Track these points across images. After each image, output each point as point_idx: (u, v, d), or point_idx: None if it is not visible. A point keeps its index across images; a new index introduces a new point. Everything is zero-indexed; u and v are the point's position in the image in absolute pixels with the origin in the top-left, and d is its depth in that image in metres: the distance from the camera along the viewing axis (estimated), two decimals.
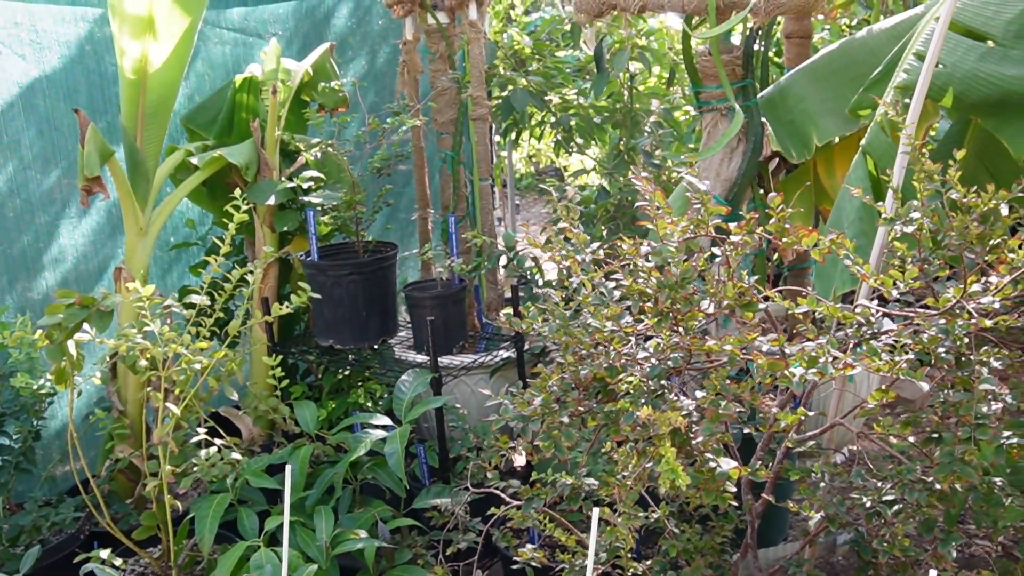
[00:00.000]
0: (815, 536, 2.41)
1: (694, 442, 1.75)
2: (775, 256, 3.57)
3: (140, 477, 3.48)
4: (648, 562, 2.38)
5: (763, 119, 3.37)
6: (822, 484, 2.29)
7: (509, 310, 4.64)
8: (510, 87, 4.56)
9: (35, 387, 2.92)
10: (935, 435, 2.01)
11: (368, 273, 3.38)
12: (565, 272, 2.07)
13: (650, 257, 1.86)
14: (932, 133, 3.41)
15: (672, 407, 1.75)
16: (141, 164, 3.29)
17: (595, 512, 1.58)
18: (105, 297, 2.55)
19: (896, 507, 1.93)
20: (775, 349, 1.74)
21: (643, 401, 1.86)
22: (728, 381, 1.78)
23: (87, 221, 3.74)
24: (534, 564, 2.37)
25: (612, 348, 1.94)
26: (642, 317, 2.05)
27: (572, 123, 4.54)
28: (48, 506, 3.04)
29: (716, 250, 1.91)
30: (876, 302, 2.17)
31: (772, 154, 3.36)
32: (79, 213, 3.70)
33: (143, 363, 2.70)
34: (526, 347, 3.44)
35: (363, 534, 2.67)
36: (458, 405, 3.42)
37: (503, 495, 2.53)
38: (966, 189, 1.86)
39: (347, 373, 3.71)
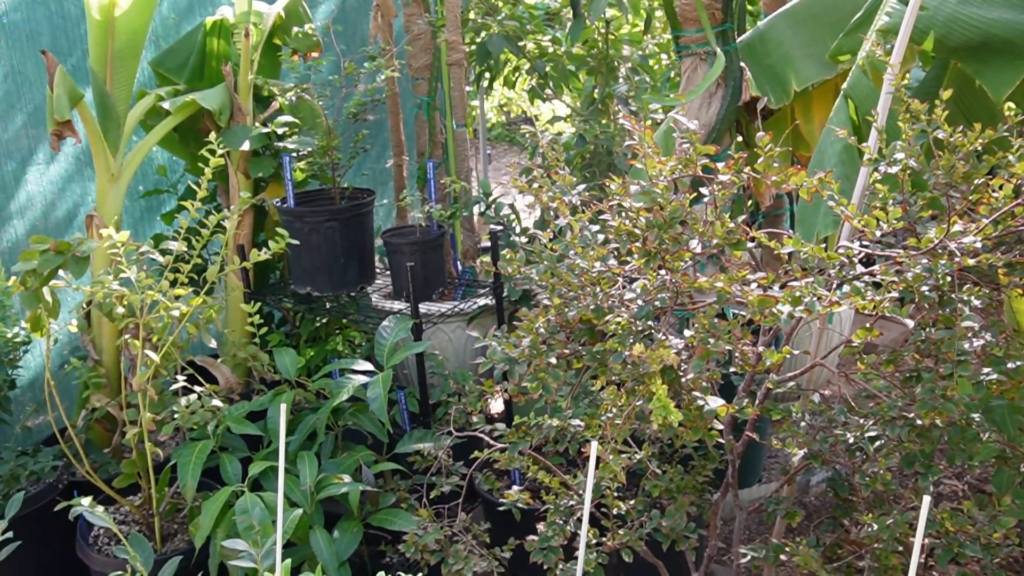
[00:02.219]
0: (795, 474, 2.46)
1: (683, 380, 1.76)
2: (749, 202, 3.60)
3: (116, 426, 3.46)
4: (632, 501, 2.42)
5: (742, 64, 3.36)
6: (803, 423, 2.33)
7: (487, 257, 4.63)
8: (483, 33, 4.49)
9: (9, 336, 2.88)
10: (914, 374, 2.05)
11: (346, 220, 3.35)
12: (552, 213, 2.07)
13: (638, 197, 1.85)
14: (906, 81, 3.42)
15: (661, 346, 1.76)
16: (111, 108, 3.22)
17: (593, 445, 1.59)
18: (80, 243, 2.51)
19: (878, 443, 1.96)
20: (763, 287, 1.75)
21: (632, 341, 1.87)
22: (717, 320, 1.79)
23: (55, 168, 3.65)
24: (520, 505, 2.39)
25: (600, 289, 1.95)
26: (628, 258, 2.06)
27: (548, 69, 4.49)
28: (25, 456, 3.01)
29: (704, 190, 1.91)
30: (858, 243, 2.19)
31: (751, 99, 3.36)
32: (46, 160, 3.62)
33: (120, 310, 2.66)
34: (505, 293, 3.44)
35: (347, 479, 2.68)
36: (436, 352, 3.42)
37: (487, 438, 2.55)
38: (952, 129, 1.87)
39: (324, 321, 3.70)
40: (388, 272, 3.71)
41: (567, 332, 2.10)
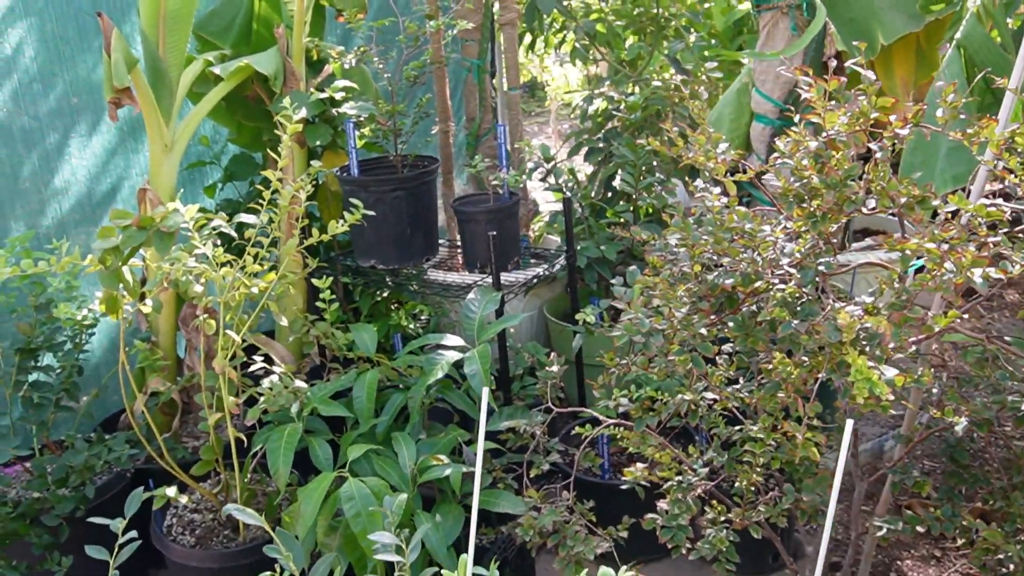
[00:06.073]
0: (920, 441, 2.36)
1: (868, 349, 1.64)
2: None
3: (175, 410, 3.31)
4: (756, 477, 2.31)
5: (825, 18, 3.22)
6: (935, 389, 2.24)
7: (535, 224, 4.49)
8: None
9: (79, 318, 2.71)
10: None
11: (412, 188, 3.19)
12: (707, 174, 1.93)
13: (814, 154, 1.72)
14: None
15: (839, 313, 1.64)
16: (164, 75, 3.03)
17: (848, 424, 1.47)
18: (164, 217, 2.34)
19: None
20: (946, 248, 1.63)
21: (798, 308, 1.75)
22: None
23: (97, 139, 3.45)
24: (643, 483, 2.28)
25: (758, 254, 1.82)
26: (777, 221, 1.94)
27: (598, 28, 4.33)
28: (90, 442, 2.85)
29: (873, 145, 1.78)
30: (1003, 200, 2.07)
31: (836, 54, 3.23)
32: (88, 130, 3.42)
33: (199, 288, 2.51)
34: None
35: (445, 459, 2.55)
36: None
37: (599, 415, 2.43)
38: None
39: (384, 295, 3.55)
40: (462, 240, 3.55)
41: (709, 301, 1.97)
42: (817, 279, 1.80)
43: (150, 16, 2.97)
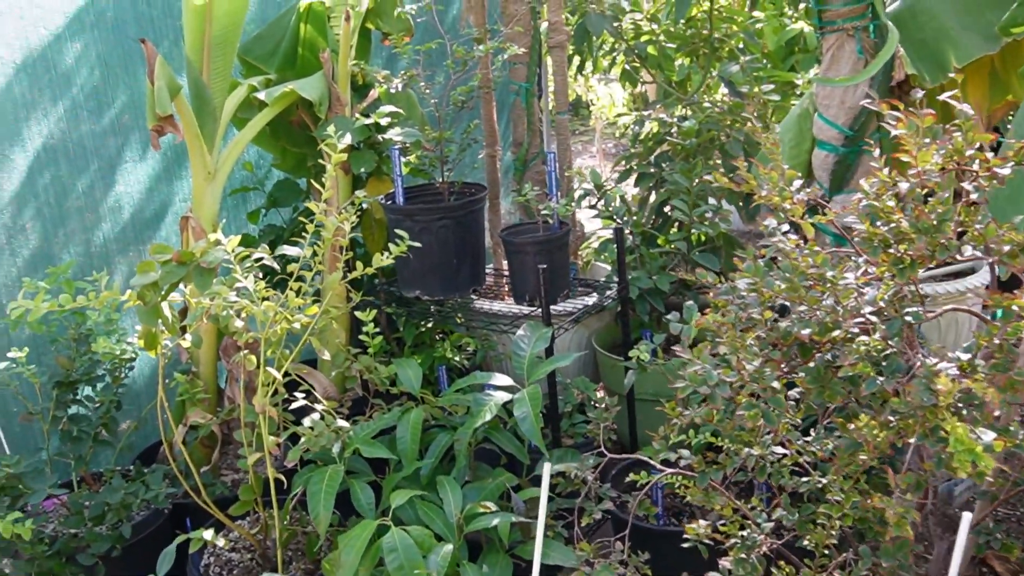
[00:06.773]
0: (1006, 499, 2.19)
1: (965, 413, 1.49)
2: None
3: (215, 443, 3.23)
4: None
5: None
6: None
7: (582, 250, 4.36)
8: (577, 13, 4.21)
9: (118, 352, 2.63)
10: None
11: (459, 217, 3.08)
12: (782, 214, 1.80)
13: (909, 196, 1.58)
14: None
15: (930, 371, 1.49)
16: (208, 101, 2.96)
17: (964, 520, 1.33)
18: (204, 252, 2.26)
19: None
20: None
21: (884, 363, 1.61)
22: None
23: (143, 165, 3.40)
24: (706, 541, 2.13)
25: (838, 303, 1.68)
26: (857, 265, 1.79)
27: (649, 50, 4.20)
28: (127, 478, 2.77)
29: (967, 185, 1.63)
30: None
31: (905, 78, 3.07)
32: (134, 157, 3.37)
33: (239, 323, 2.42)
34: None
35: (492, 506, 2.42)
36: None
37: (654, 463, 2.29)
38: None
39: (429, 326, 3.44)
40: (510, 272, 3.44)
41: (781, 349, 1.83)
42: (903, 330, 1.65)
43: (195, 41, 2.91)
